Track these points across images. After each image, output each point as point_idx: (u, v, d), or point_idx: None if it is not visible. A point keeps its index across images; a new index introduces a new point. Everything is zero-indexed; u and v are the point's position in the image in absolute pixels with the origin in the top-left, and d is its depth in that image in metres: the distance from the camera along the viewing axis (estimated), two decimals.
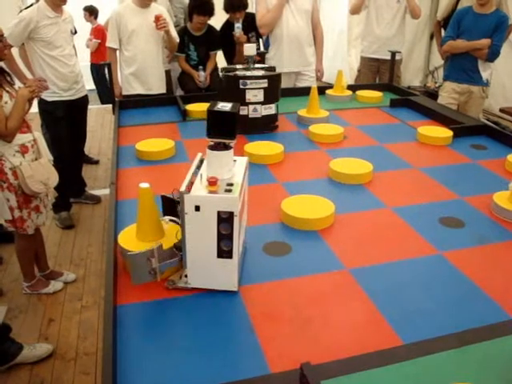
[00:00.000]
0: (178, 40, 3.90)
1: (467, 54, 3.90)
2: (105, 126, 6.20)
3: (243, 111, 2.46)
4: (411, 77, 7.90)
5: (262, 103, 2.51)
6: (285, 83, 4.13)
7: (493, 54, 3.85)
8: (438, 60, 7.38)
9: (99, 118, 6.39)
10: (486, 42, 3.79)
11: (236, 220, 1.18)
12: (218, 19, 4.54)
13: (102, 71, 6.18)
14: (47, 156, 2.69)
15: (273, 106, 2.58)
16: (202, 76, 4.18)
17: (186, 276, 1.30)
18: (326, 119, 2.66)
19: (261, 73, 2.53)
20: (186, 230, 1.22)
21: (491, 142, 2.48)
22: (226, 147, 1.27)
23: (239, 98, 2.42)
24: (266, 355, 1.09)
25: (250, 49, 2.63)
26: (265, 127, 2.57)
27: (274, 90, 2.57)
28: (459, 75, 4.01)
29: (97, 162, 5.10)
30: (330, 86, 3.32)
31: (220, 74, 2.69)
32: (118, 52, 3.76)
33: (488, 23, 3.81)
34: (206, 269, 1.25)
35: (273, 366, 1.06)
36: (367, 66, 4.85)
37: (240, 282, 1.32)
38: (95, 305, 2.87)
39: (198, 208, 1.18)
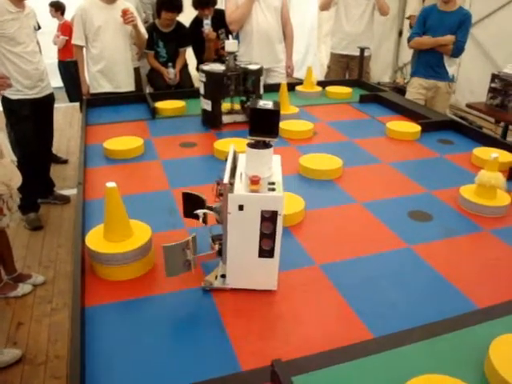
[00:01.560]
0: (146, 36, 3.85)
1: (433, 51, 3.97)
2: (73, 125, 6.09)
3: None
4: (381, 73, 8.00)
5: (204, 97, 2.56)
6: None
7: (457, 50, 3.94)
8: (406, 56, 7.50)
9: (68, 117, 6.28)
10: (450, 38, 3.87)
11: (279, 219, 1.17)
12: (188, 16, 4.51)
13: (69, 69, 6.07)
14: (10, 156, 2.61)
15: (209, 102, 2.54)
16: (171, 73, 4.15)
17: (222, 276, 1.28)
18: (296, 115, 2.67)
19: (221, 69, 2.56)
20: (228, 230, 1.20)
21: (458, 137, 2.52)
22: (267, 145, 1.24)
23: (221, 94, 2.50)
24: (237, 353, 1.08)
25: (230, 45, 2.59)
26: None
27: (211, 86, 2.52)
28: (426, 71, 4.07)
29: (65, 162, 5.01)
30: (301, 83, 3.33)
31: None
32: (84, 49, 3.69)
33: (452, 20, 3.89)
34: (246, 269, 1.24)
35: (244, 364, 1.05)
36: (337, 63, 4.88)
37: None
38: (65, 307, 2.81)
39: (241, 207, 1.17)
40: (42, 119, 3.74)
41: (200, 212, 1.32)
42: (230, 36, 4.71)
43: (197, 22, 4.32)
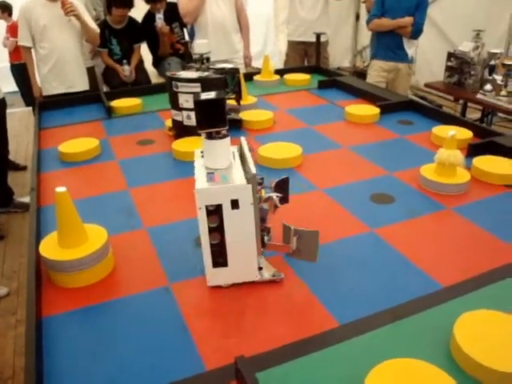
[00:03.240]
0: (97, 31, 3.74)
1: (392, 33, 3.99)
2: (31, 130, 5.88)
3: (178, 117, 2.20)
4: (340, 58, 8.04)
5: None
6: None
7: (416, 32, 3.97)
8: (365, 40, 7.55)
9: (24, 122, 6.12)
10: (409, 20, 3.90)
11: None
12: (140, 11, 4.43)
13: (22, 71, 5.89)
14: None
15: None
16: (126, 70, 4.08)
17: (259, 268, 1.25)
18: (254, 105, 2.64)
19: (197, 75, 2.16)
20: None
21: (417, 117, 2.53)
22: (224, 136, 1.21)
23: (174, 101, 2.17)
24: (201, 352, 1.05)
25: (200, 46, 2.30)
26: None
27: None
28: (386, 53, 4.10)
29: (24, 168, 4.88)
30: (260, 72, 3.30)
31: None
32: (33, 50, 3.58)
33: (410, 1, 3.91)
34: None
35: (208, 363, 1.02)
36: (294, 50, 4.88)
37: (172, 279, 1.28)
38: None
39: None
40: None
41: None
42: (185, 29, 4.66)
43: (149, 17, 4.25)
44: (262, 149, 2.00)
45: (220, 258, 1.20)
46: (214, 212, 1.15)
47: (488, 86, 3.56)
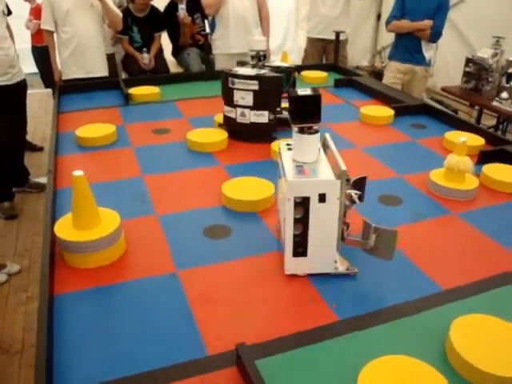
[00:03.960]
0: (120, 15, 3.77)
1: (411, 35, 3.99)
2: (49, 112, 6.00)
3: (232, 113, 2.17)
4: (359, 57, 8.01)
5: (252, 108, 2.12)
6: (232, 64, 4.09)
7: (435, 35, 3.96)
8: (385, 40, 7.52)
9: (43, 103, 6.20)
10: (428, 23, 3.89)
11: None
12: (163, 0, 4.47)
13: (43, 54, 5.96)
14: None
15: (266, 113, 2.14)
16: (146, 58, 4.12)
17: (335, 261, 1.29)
18: None
19: (255, 72, 2.12)
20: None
21: (430, 121, 2.54)
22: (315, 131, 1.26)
23: (228, 97, 2.15)
24: (204, 338, 1.09)
25: (257, 43, 2.25)
26: (255, 137, 2.16)
27: (270, 94, 2.12)
28: (403, 55, 4.10)
29: (41, 149, 4.95)
30: None
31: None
32: (55, 34, 3.63)
33: (430, 4, 3.90)
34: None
35: (210, 349, 1.06)
36: (313, 47, 4.89)
37: (179, 266, 1.32)
38: None
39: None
40: (14, 107, 3.69)
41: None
42: (207, 20, 4.69)
43: (172, 7, 4.29)
44: (275, 144, 2.03)
45: (301, 248, 1.25)
46: (300, 204, 1.19)
47: (504, 94, 3.55)
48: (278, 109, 2.19)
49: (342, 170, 1.18)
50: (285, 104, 2.26)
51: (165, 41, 4.51)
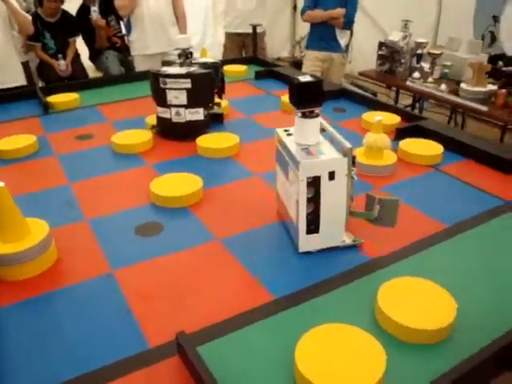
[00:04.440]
0: (29, 18, 3.63)
1: (325, 24, 4.12)
2: None
3: (166, 114, 2.17)
4: (279, 48, 8.15)
5: (186, 106, 2.14)
6: (151, 65, 4.06)
7: (348, 23, 4.11)
8: (303, 30, 7.68)
9: None
10: (341, 11, 4.03)
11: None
12: (75, 3, 4.36)
13: None
14: None
15: (201, 110, 2.17)
16: (62, 65, 4.02)
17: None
18: None
19: (185, 70, 2.14)
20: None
21: (349, 104, 2.65)
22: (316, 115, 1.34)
23: (161, 98, 2.15)
24: (145, 333, 1.11)
25: (182, 41, 2.25)
26: (192, 134, 2.12)
27: (203, 91, 2.16)
28: (319, 44, 4.23)
29: None
30: None
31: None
32: None
33: None
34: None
35: (152, 342, 1.08)
36: (232, 41, 4.94)
37: (114, 266, 1.33)
38: None
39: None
40: None
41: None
42: (122, 22, 4.62)
43: (84, 10, 4.20)
44: (200, 139, 2.06)
45: (313, 225, 1.32)
46: (311, 184, 1.27)
47: (416, 74, 3.74)
48: (210, 104, 2.22)
49: (348, 148, 1.27)
50: (217, 99, 2.31)
51: (80, 45, 4.40)
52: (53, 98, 2.74)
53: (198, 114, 2.16)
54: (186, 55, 2.22)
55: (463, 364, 0.94)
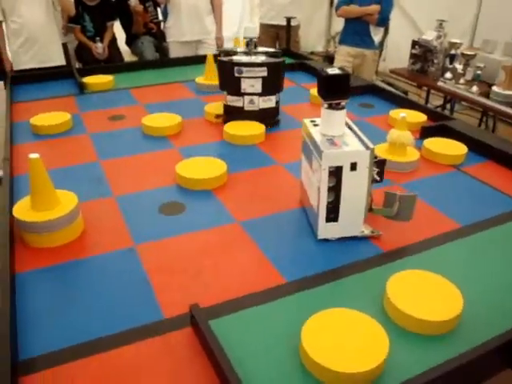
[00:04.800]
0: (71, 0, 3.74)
1: (359, 20, 4.11)
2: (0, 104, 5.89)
3: (238, 102, 2.19)
4: (314, 42, 8.14)
5: (260, 94, 2.17)
6: (185, 52, 4.15)
7: (382, 20, 4.10)
8: (338, 25, 7.65)
9: None
10: (376, 7, 4.02)
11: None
12: None
13: None
14: None
15: (273, 98, 2.21)
16: (99, 48, 4.12)
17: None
18: None
19: (260, 59, 2.16)
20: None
21: (378, 101, 2.66)
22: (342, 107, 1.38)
23: (234, 87, 2.16)
24: (161, 304, 1.17)
25: (249, 30, 2.24)
26: (263, 122, 2.17)
27: (275, 79, 2.18)
28: (353, 39, 4.23)
29: None
30: None
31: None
32: (4, 24, 3.58)
33: None
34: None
35: (167, 313, 1.14)
36: (266, 33, 4.97)
37: (136, 241, 1.39)
38: None
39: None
40: None
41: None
42: (159, 8, 4.70)
43: None
44: (227, 126, 2.11)
45: (333, 214, 1.37)
46: (333, 173, 1.31)
47: (448, 74, 3.71)
48: None
49: (370, 147, 1.31)
50: None
51: (118, 30, 4.50)
52: (88, 79, 2.83)
53: (271, 102, 2.21)
54: (255, 44, 2.23)
55: (460, 357, 0.97)
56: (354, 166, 1.30)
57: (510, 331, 1.04)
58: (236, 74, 2.13)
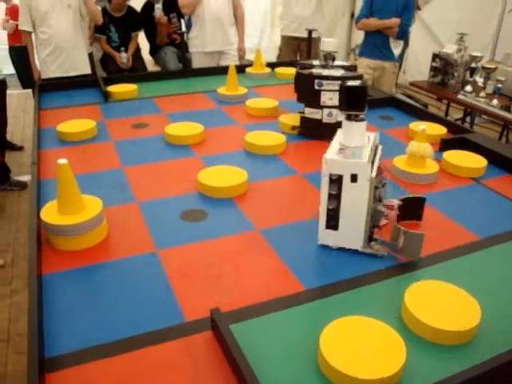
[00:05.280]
0: (99, 9, 3.84)
1: (379, 32, 4.14)
2: (28, 112, 6.03)
3: (317, 115, 2.23)
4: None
5: (338, 107, 2.11)
6: (208, 62, 4.22)
7: (402, 33, 4.12)
8: (359, 38, 7.68)
9: (21, 104, 6.21)
10: (396, 21, 4.05)
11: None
12: (140, 0, 4.54)
13: (21, 54, 5.97)
14: None
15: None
16: (123, 57, 4.20)
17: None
18: (244, 96, 2.77)
19: (339, 73, 2.20)
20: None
21: (397, 113, 2.68)
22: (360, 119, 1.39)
23: (313, 99, 2.19)
24: (182, 307, 1.20)
25: (327, 44, 2.26)
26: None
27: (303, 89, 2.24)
28: (372, 52, 4.25)
29: (21, 148, 4.99)
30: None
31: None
32: (33, 34, 3.69)
33: (397, 3, 4.07)
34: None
35: (188, 316, 1.17)
36: (288, 45, 5.01)
37: (159, 246, 1.43)
38: (26, 288, 2.86)
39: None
40: None
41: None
42: (183, 20, 4.77)
43: (148, 7, 4.37)
44: (248, 136, 2.14)
45: (333, 221, 1.39)
46: (335, 181, 1.34)
47: (468, 88, 3.71)
48: None
49: (364, 163, 1.31)
50: None
51: (142, 40, 4.59)
52: (113, 88, 2.89)
53: None
54: (333, 58, 2.26)
55: (476, 367, 0.98)
56: (354, 178, 1.32)
57: None
58: (316, 87, 2.17)
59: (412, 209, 1.56)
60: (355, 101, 1.37)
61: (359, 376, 0.95)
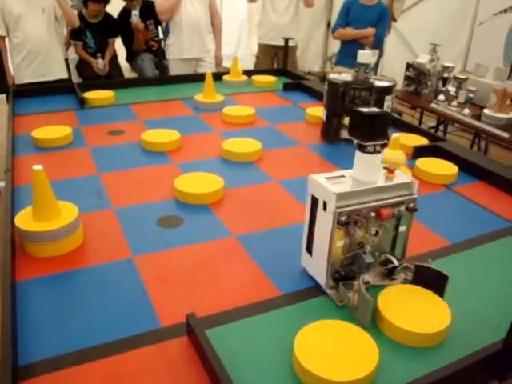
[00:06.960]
0: (75, 12, 3.81)
1: (355, 42, 4.22)
2: (1, 118, 5.93)
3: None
4: (311, 63, 8.27)
5: None
6: (185, 69, 4.24)
7: (378, 42, 4.21)
8: (335, 47, 7.79)
9: None
10: (371, 30, 4.14)
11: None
12: (117, 6, 4.54)
13: None
14: None
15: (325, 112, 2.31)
16: (100, 64, 4.19)
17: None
18: (221, 104, 2.79)
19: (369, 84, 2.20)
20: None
21: None
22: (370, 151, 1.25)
23: (341, 107, 2.23)
24: (158, 313, 1.20)
25: (364, 56, 2.26)
26: None
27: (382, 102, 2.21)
28: (348, 60, 4.32)
29: None
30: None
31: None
32: (6, 39, 3.65)
33: (372, 13, 4.17)
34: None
35: (164, 322, 1.17)
36: (265, 53, 5.06)
37: (135, 252, 1.43)
38: None
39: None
40: None
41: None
42: (160, 27, 4.78)
43: (125, 13, 4.37)
44: (225, 143, 2.16)
45: (310, 245, 1.31)
46: (314, 204, 1.25)
47: (441, 97, 3.79)
48: None
49: (330, 192, 1.18)
50: None
51: (119, 46, 4.58)
52: (89, 94, 2.88)
53: None
54: (365, 70, 2.27)
55: (446, 367, 1.01)
56: (324, 206, 1.20)
57: (496, 343, 1.08)
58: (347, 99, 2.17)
59: (429, 279, 1.26)
60: (377, 129, 1.20)
61: (332, 378, 0.97)
